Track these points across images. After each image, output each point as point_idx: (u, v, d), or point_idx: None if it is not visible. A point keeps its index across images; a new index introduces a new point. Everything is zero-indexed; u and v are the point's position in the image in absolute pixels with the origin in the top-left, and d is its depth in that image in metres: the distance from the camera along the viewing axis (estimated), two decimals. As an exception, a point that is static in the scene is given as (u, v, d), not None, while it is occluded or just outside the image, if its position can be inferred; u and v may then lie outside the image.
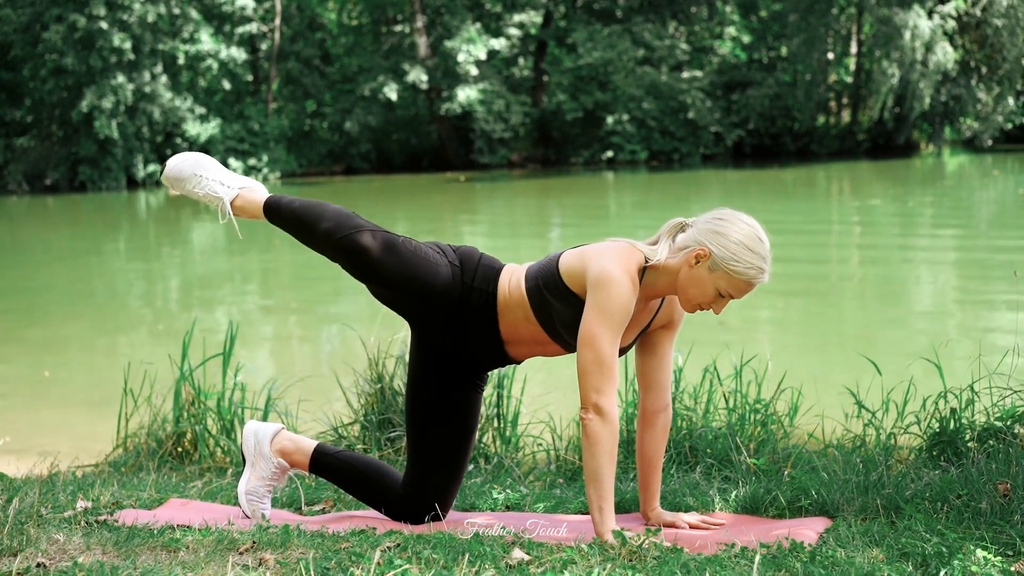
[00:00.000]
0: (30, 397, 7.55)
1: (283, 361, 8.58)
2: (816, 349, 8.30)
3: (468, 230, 18.42)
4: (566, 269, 3.11)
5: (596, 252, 3.08)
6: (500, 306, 3.18)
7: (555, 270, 3.12)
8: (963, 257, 13.30)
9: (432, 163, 33.73)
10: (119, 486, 3.97)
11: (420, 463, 3.29)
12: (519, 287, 3.17)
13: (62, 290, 13.04)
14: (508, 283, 3.19)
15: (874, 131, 34.12)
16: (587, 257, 3.08)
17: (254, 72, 33.44)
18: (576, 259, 3.11)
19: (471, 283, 3.19)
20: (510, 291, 3.18)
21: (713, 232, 3.00)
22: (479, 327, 3.20)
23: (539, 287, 3.14)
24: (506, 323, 3.19)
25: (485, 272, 3.21)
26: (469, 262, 3.23)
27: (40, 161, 29.58)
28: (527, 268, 3.23)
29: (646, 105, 32.46)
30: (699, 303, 3.04)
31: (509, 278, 3.20)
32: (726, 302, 3.04)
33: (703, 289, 3.01)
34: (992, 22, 31.99)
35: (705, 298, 3.02)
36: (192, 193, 3.45)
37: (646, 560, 2.68)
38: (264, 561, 2.66)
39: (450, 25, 32.33)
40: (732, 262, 2.96)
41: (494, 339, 3.21)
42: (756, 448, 4.10)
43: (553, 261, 3.15)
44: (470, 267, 3.22)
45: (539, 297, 3.13)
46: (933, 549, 2.72)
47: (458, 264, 3.22)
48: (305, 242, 3.34)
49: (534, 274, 3.17)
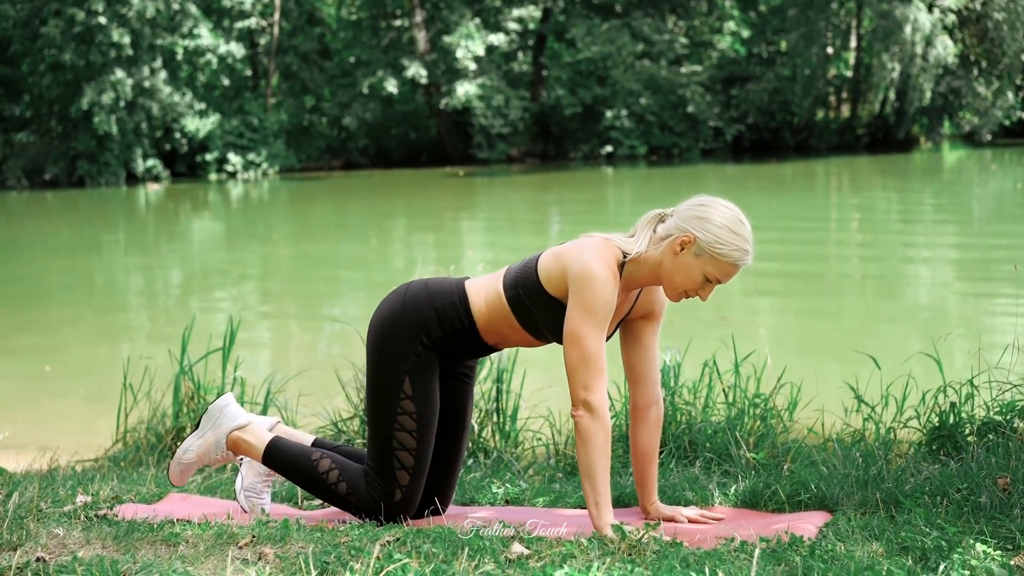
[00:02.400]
0: (30, 392, 7.55)
1: (282, 356, 8.58)
2: (815, 343, 8.30)
3: (467, 225, 18.41)
4: (545, 273, 3.10)
5: (573, 250, 3.08)
6: (482, 328, 3.20)
7: (534, 276, 3.12)
8: (962, 251, 13.30)
9: (431, 158, 33.69)
10: (119, 481, 3.97)
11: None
12: (499, 299, 3.16)
13: (62, 285, 13.04)
14: (484, 302, 3.18)
15: (873, 126, 34.12)
16: (565, 256, 3.08)
17: (253, 67, 33.41)
18: (553, 261, 3.10)
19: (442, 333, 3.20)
20: (488, 308, 3.18)
21: (696, 218, 3.00)
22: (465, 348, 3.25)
23: (519, 296, 3.13)
24: (492, 335, 3.22)
25: (448, 312, 3.19)
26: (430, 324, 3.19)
27: (39, 156, 29.56)
28: (504, 275, 3.21)
29: (645, 100, 32.43)
30: (685, 290, 3.04)
31: (484, 296, 3.19)
32: (712, 287, 3.05)
33: (690, 275, 3.02)
34: (992, 16, 31.97)
35: (692, 284, 3.02)
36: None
37: (645, 554, 2.68)
38: (263, 555, 2.67)
39: (449, 20, 32.29)
40: (717, 245, 2.97)
41: (482, 349, 3.27)
42: (755, 442, 4.10)
43: (531, 267, 3.14)
44: (432, 323, 3.19)
45: (520, 306, 3.14)
46: (933, 543, 2.73)
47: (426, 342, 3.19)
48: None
49: (513, 281, 3.16)
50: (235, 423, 3.44)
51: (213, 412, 3.48)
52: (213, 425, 3.46)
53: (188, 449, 3.48)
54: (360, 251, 15.27)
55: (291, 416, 4.98)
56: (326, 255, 15.10)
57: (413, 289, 3.26)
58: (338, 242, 16.76)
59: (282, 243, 16.33)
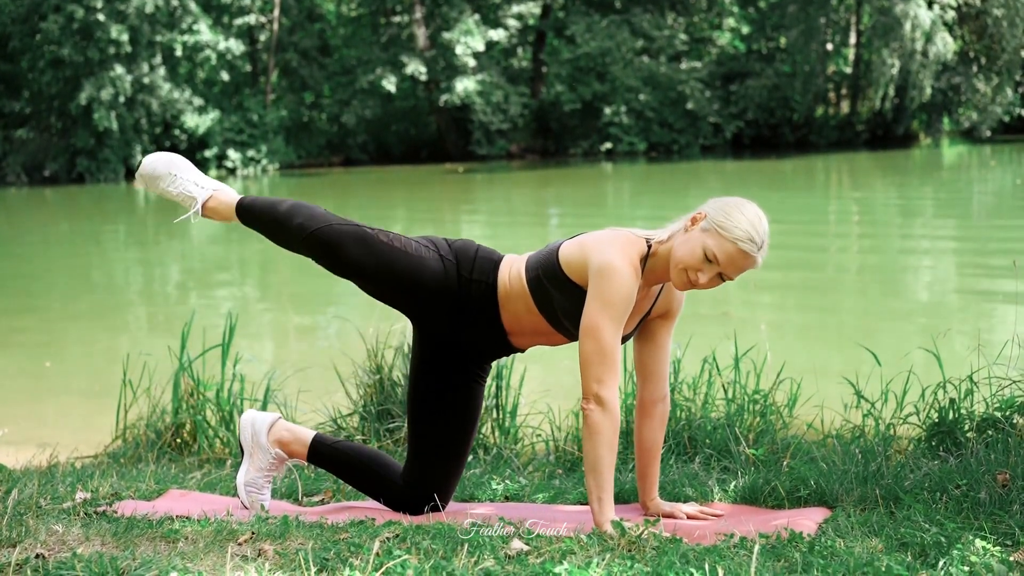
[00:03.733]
0: (29, 388, 7.54)
1: (282, 352, 8.58)
2: (815, 339, 8.30)
3: (467, 220, 18.41)
4: (566, 259, 3.10)
5: (597, 241, 3.06)
6: (501, 297, 3.18)
7: (555, 260, 3.11)
8: (962, 247, 13.30)
9: (430, 154, 33.69)
10: (118, 477, 3.97)
11: (421, 455, 3.29)
12: (520, 278, 3.16)
13: (61, 282, 13.04)
14: (508, 274, 3.18)
15: (873, 122, 34.11)
16: (587, 247, 3.07)
17: (252, 63, 33.40)
18: (576, 249, 3.09)
19: (469, 276, 3.19)
20: (511, 282, 3.17)
21: (718, 201, 3.02)
22: (481, 318, 3.20)
23: (539, 278, 3.13)
24: (508, 314, 3.19)
25: (483, 264, 3.21)
26: (465, 255, 3.22)
27: (39, 153, 29.56)
28: (527, 258, 3.22)
29: (644, 96, 32.43)
30: (686, 267, 2.97)
31: (509, 269, 3.19)
32: (713, 272, 2.97)
33: (691, 248, 2.96)
34: (992, 12, 31.96)
35: (693, 259, 2.95)
36: (165, 192, 3.44)
37: (645, 550, 2.68)
38: (263, 552, 2.66)
39: (448, 16, 32.28)
40: (723, 218, 2.94)
41: (497, 330, 3.21)
42: (755, 439, 4.10)
43: (553, 251, 3.14)
44: (467, 260, 3.21)
45: (540, 288, 3.13)
46: (932, 539, 2.73)
47: (453, 259, 3.21)
48: (278, 241, 3.33)
49: (534, 265, 3.17)
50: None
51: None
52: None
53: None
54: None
55: (291, 412, 4.98)
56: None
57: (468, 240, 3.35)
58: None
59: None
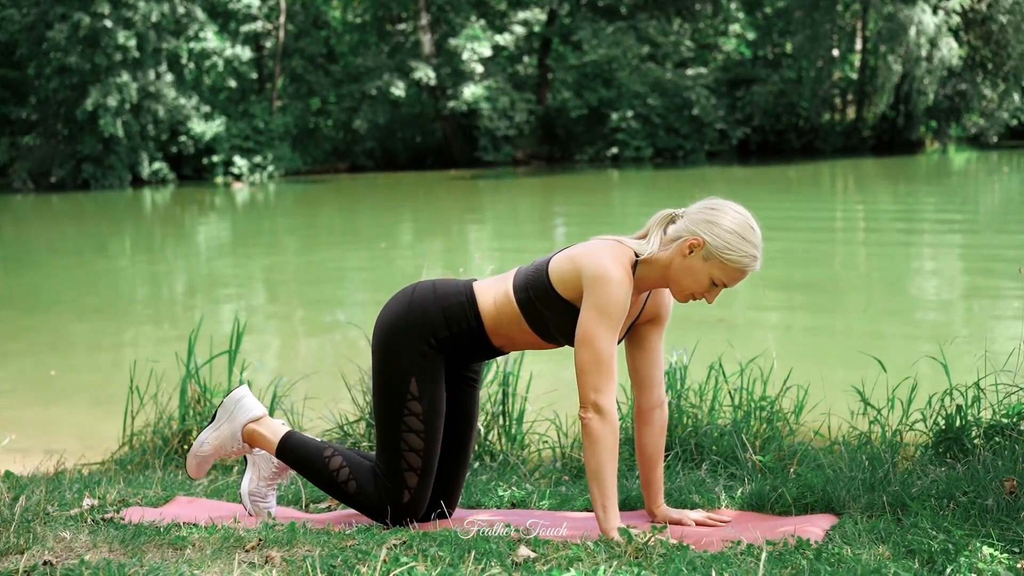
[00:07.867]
0: (36, 395, 7.55)
1: (289, 359, 8.58)
2: (821, 346, 8.29)
3: (473, 228, 18.41)
4: (557, 275, 3.09)
5: (588, 251, 3.07)
6: (490, 330, 3.19)
7: (544, 278, 3.11)
8: (969, 254, 13.28)
9: (437, 161, 33.72)
10: (125, 484, 3.97)
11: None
12: (508, 300, 3.16)
13: (68, 288, 13.06)
14: (493, 301, 3.18)
15: (879, 128, 34.09)
16: (578, 259, 3.07)
17: (259, 70, 33.46)
18: (566, 263, 3.09)
19: (451, 333, 3.19)
20: (497, 309, 3.17)
21: (706, 222, 3.00)
22: (472, 350, 3.24)
23: (530, 299, 3.12)
24: (501, 338, 3.21)
25: (456, 312, 3.19)
26: (435, 321, 3.19)
27: (45, 159, 29.62)
28: (514, 276, 3.20)
29: (651, 102, 32.44)
30: (692, 292, 3.05)
31: (494, 295, 3.18)
32: (719, 290, 3.06)
33: (697, 278, 3.02)
34: (997, 18, 31.94)
35: (699, 287, 3.03)
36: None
37: (652, 558, 2.68)
38: (270, 559, 2.67)
39: (454, 23, 32.33)
40: (726, 251, 2.97)
41: (489, 351, 3.26)
42: (762, 445, 4.10)
43: (541, 269, 3.13)
44: (440, 325, 3.19)
45: (531, 309, 3.13)
46: (939, 546, 2.72)
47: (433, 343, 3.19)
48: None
49: (523, 284, 3.15)
50: (250, 415, 3.45)
51: (228, 404, 3.49)
52: (229, 417, 3.47)
53: (204, 442, 3.49)
54: (367, 254, 15.28)
55: (297, 419, 4.98)
56: (332, 258, 15.11)
57: (420, 290, 3.25)
58: (344, 245, 16.77)
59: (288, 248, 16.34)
